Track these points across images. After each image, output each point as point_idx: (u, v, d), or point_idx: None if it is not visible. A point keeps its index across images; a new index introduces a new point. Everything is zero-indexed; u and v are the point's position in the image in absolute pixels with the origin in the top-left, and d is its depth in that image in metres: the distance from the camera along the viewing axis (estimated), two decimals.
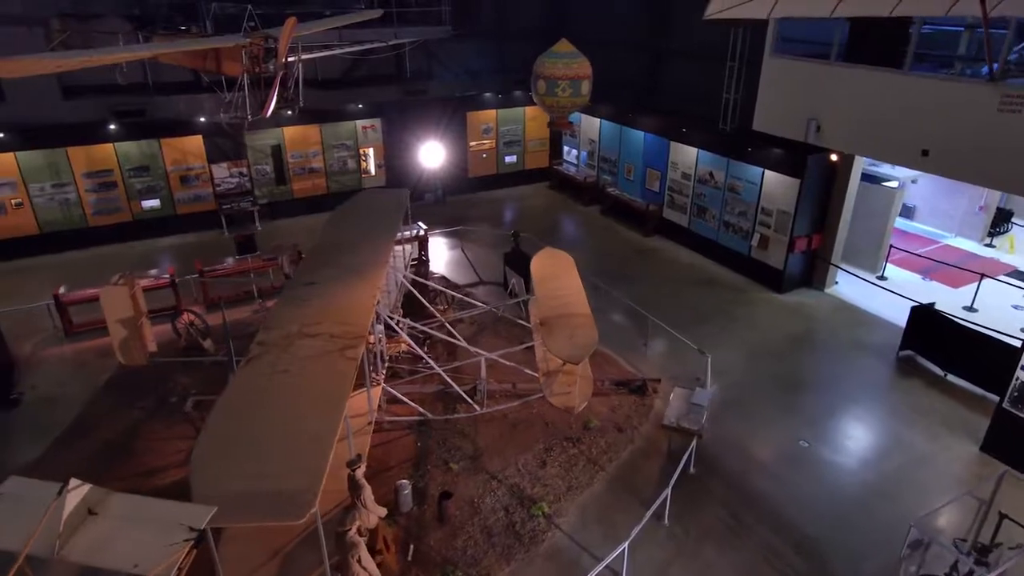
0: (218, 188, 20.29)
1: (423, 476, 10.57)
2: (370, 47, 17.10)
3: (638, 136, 20.52)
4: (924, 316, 13.46)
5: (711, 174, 18.01)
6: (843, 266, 16.77)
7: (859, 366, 13.72)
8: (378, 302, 11.86)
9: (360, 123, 21.77)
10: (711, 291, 16.99)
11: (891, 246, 17.21)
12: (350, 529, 7.48)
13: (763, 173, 16.41)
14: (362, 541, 7.60)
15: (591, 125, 22.67)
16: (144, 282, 14.78)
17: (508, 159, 24.66)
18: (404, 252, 15.45)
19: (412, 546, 9.26)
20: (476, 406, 11.57)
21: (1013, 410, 10.64)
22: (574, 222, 22.05)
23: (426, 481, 10.45)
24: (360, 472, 8.35)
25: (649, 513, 9.14)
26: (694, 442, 10.56)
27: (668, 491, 9.49)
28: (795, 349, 14.33)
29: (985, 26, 4.93)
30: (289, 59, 12.81)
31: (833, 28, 12.99)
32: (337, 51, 17.17)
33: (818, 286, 16.83)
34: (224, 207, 20.20)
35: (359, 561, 7.50)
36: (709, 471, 10.75)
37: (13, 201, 17.95)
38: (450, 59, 22.33)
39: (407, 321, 12.62)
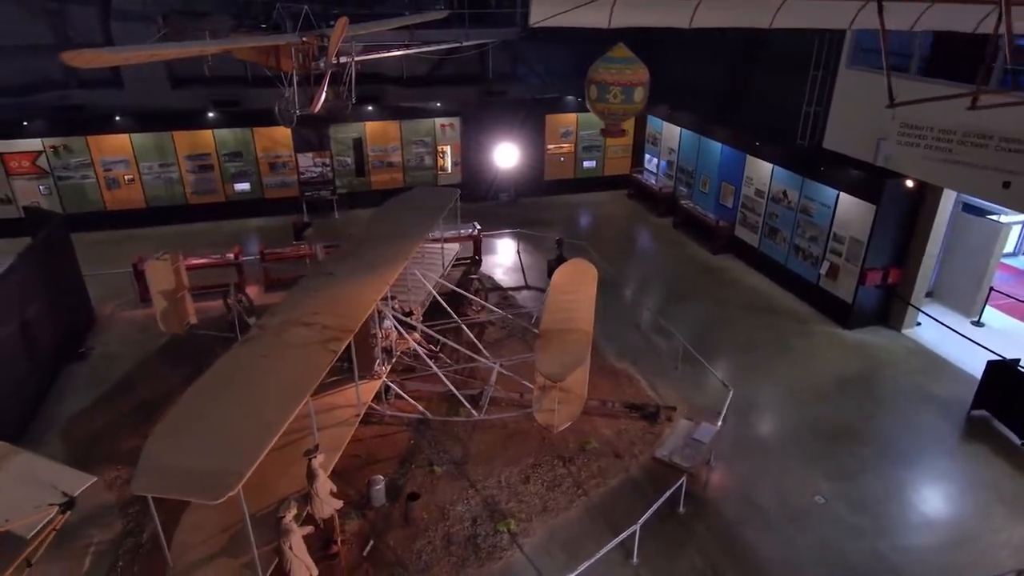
0: (302, 176, 21.62)
1: (405, 474, 10.67)
2: (437, 48, 17.44)
3: (715, 148, 19.36)
4: (1003, 373, 11.63)
5: (785, 193, 16.62)
6: (923, 307, 14.88)
7: (918, 421, 12.11)
8: (389, 298, 12.15)
9: (439, 121, 22.28)
10: (769, 318, 15.69)
11: (991, 288, 14.98)
12: (285, 516, 7.71)
13: (838, 195, 14.89)
14: (296, 528, 7.80)
15: (672, 134, 21.69)
16: (209, 259, 16.22)
17: (587, 164, 24.18)
18: (443, 252, 15.64)
19: (371, 542, 9.38)
20: (474, 411, 11.49)
21: None
22: (643, 234, 21.23)
23: (406, 480, 10.53)
24: (316, 461, 8.57)
25: (608, 547, 8.65)
26: (683, 480, 9.81)
27: (637, 527, 8.93)
28: (845, 392, 12.90)
29: (883, 38, 4.15)
30: (342, 59, 13.37)
31: (915, 38, 11.53)
32: (410, 51, 17.70)
33: (894, 325, 15.02)
34: (306, 194, 21.49)
35: (290, 547, 7.71)
36: (700, 514, 9.96)
37: (126, 177, 20.21)
38: (533, 61, 22.23)
39: (418, 321, 12.74)
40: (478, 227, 18.06)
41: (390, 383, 11.85)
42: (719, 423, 10.96)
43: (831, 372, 13.57)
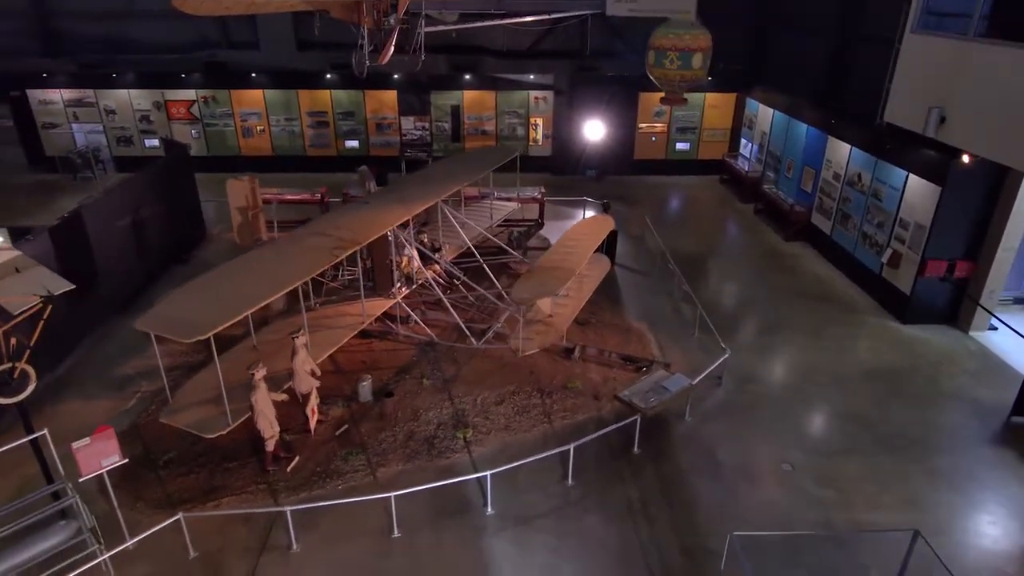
0: (404, 138, 23.61)
1: (397, 381, 11.79)
2: (522, 20, 18.31)
3: (802, 130, 18.36)
4: None
5: (859, 176, 15.51)
6: (1008, 313, 13.27)
7: (943, 419, 11.05)
8: (412, 229, 13.30)
9: (533, 93, 23.18)
10: (819, 305, 14.82)
11: None
12: (255, 373, 9.12)
13: (907, 177, 13.72)
14: (264, 386, 9.19)
15: (765, 117, 20.78)
16: (299, 196, 18.49)
17: (680, 146, 23.81)
18: (492, 206, 16.50)
19: (346, 426, 10.61)
20: (473, 340, 12.33)
21: None
22: (720, 217, 20.61)
23: (395, 386, 11.66)
24: (299, 341, 9.94)
25: (539, 456, 9.17)
26: (636, 418, 9.96)
27: (571, 447, 9.32)
28: (871, 381, 12.02)
29: None
30: (411, 24, 14.79)
31: None
32: (497, 22, 18.81)
33: (962, 327, 13.58)
34: (405, 154, 23.46)
35: (256, 401, 9.11)
36: (654, 457, 10.05)
37: (258, 128, 23.40)
38: (631, 38, 22.20)
39: (443, 257, 13.73)
40: (542, 191, 18.73)
41: (410, 310, 12.97)
42: (696, 379, 10.85)
43: (863, 361, 12.67)
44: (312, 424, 10.28)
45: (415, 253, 13.11)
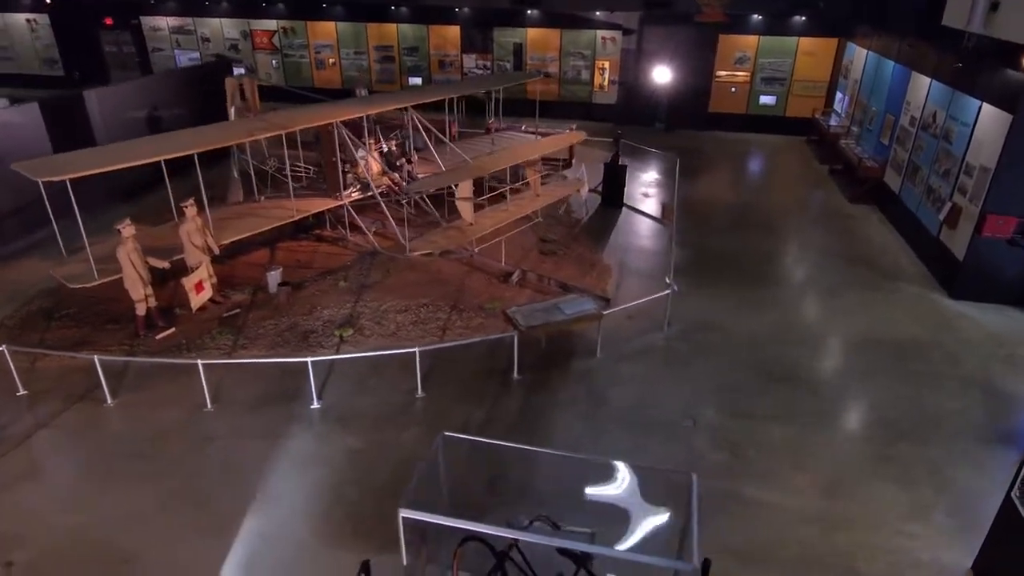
0: (465, 76, 22.91)
1: (315, 280, 11.22)
2: None
3: (888, 71, 15.03)
4: None
5: (934, 116, 12.30)
6: None
7: (939, 405, 8.35)
8: (366, 133, 12.55)
9: (600, 33, 21.37)
10: (854, 268, 12.04)
11: None
12: (120, 230, 8.96)
13: (979, 108, 10.55)
14: (127, 243, 9.00)
15: (859, 62, 17.36)
16: None
17: (764, 99, 20.74)
18: (493, 138, 15.20)
19: (237, 310, 10.24)
20: (407, 246, 11.40)
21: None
22: (786, 177, 17.65)
23: (312, 284, 11.08)
24: (188, 211, 9.68)
25: (390, 351, 8.22)
26: (515, 336, 8.54)
27: (416, 350, 8.18)
28: (865, 353, 9.43)
29: None
30: None
31: None
32: None
33: None
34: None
35: (119, 257, 8.97)
36: (533, 386, 8.60)
37: (330, 60, 23.93)
38: None
39: (406, 166, 12.84)
40: (573, 128, 17.13)
41: (359, 218, 12.23)
42: (609, 310, 9.11)
43: (871, 329, 10.01)
44: (191, 299, 9.88)
45: (370, 158, 12.39)
